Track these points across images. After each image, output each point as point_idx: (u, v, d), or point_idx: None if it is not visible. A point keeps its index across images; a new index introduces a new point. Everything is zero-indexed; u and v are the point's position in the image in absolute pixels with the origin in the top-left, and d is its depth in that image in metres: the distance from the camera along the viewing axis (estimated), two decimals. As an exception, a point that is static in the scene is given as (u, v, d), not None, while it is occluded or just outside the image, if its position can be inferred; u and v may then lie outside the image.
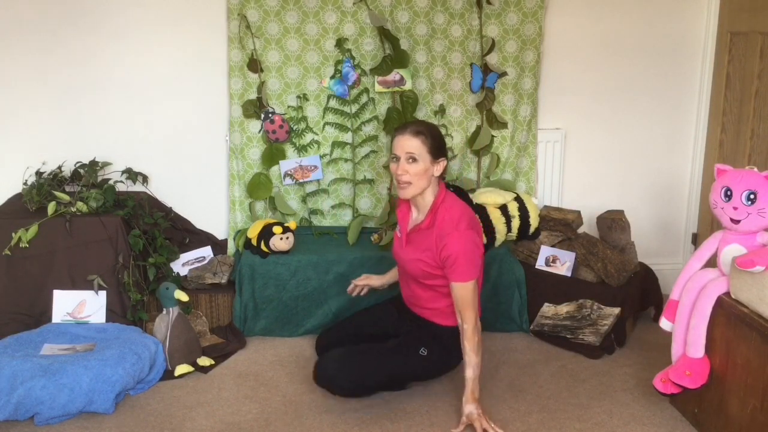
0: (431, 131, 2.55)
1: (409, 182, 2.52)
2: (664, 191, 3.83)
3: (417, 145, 2.51)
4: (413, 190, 2.54)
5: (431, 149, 2.52)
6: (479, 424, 2.47)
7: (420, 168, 2.51)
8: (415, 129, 2.54)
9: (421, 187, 2.54)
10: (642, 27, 3.62)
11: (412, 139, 2.51)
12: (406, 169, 2.51)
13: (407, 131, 2.53)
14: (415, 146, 2.50)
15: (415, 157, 2.50)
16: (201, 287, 3.29)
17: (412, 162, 2.51)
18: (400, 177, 2.52)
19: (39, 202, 3.12)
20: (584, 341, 3.12)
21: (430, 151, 2.52)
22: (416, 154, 2.50)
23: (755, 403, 2.24)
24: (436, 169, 2.55)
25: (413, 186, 2.53)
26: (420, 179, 2.52)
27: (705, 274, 2.47)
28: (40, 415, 2.51)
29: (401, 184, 2.54)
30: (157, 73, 3.40)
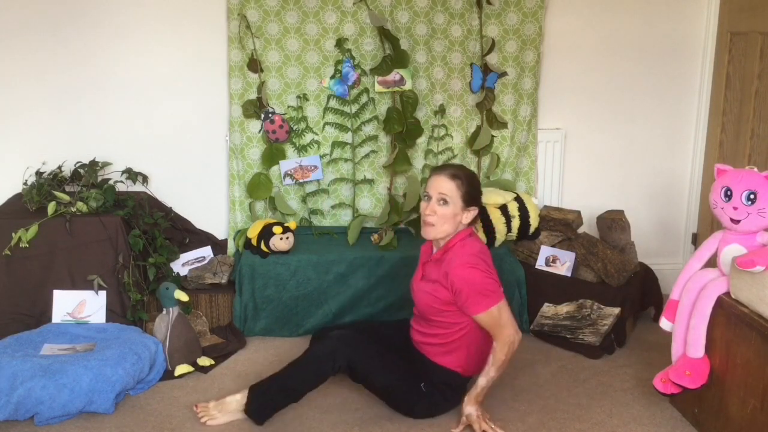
0: (469, 178, 2.52)
1: (433, 224, 2.50)
2: (664, 191, 3.83)
3: (452, 188, 2.48)
4: (435, 232, 2.51)
5: (465, 196, 2.49)
6: (478, 426, 2.47)
7: (449, 211, 2.48)
8: (452, 172, 2.51)
9: (445, 231, 2.51)
10: (642, 27, 3.62)
11: (448, 182, 2.48)
12: (434, 210, 2.49)
13: (445, 172, 2.51)
14: (449, 189, 2.48)
15: (447, 199, 2.48)
16: (201, 287, 3.29)
17: (443, 204, 2.48)
18: (427, 217, 2.50)
19: (39, 202, 3.12)
20: (584, 341, 3.12)
21: (463, 197, 2.49)
22: (449, 196, 2.48)
23: (755, 403, 2.24)
24: (465, 217, 2.51)
25: (436, 228, 2.50)
26: (445, 223, 2.49)
27: (705, 274, 2.47)
28: (40, 415, 2.51)
29: (426, 224, 2.52)
30: (157, 73, 3.40)
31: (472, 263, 2.45)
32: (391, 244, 3.34)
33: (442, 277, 2.49)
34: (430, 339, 2.60)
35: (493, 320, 2.44)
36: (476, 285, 2.43)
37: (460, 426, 2.50)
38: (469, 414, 2.48)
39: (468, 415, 2.48)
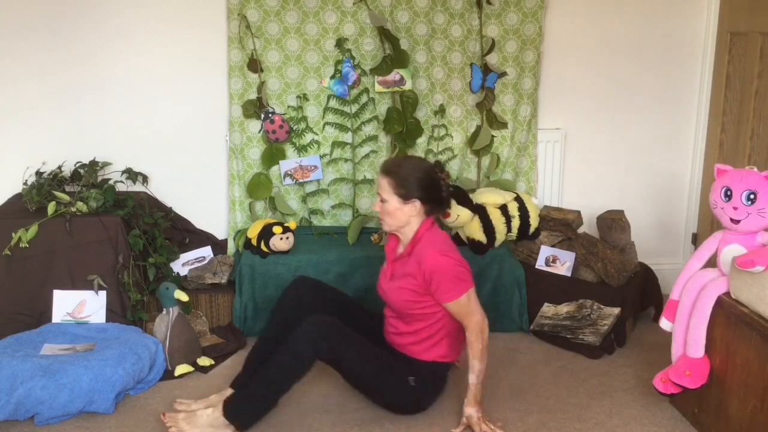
0: (401, 172, 2.48)
1: (382, 219, 2.55)
2: (664, 191, 3.83)
3: (385, 185, 2.50)
4: (387, 226, 2.55)
5: (397, 191, 2.47)
6: (478, 428, 2.46)
7: (390, 207, 2.50)
8: (387, 168, 2.52)
9: (397, 224, 2.53)
10: (642, 27, 3.62)
11: (383, 179, 2.50)
12: (379, 207, 2.54)
13: (382, 170, 2.53)
14: (384, 186, 2.50)
15: (384, 197, 2.50)
16: (201, 287, 3.29)
17: (383, 201, 2.52)
18: (380, 216, 2.56)
19: (39, 202, 3.12)
20: (584, 341, 3.12)
21: (396, 193, 2.47)
22: (385, 194, 2.50)
23: (755, 403, 2.24)
24: (408, 210, 2.49)
25: (386, 222, 2.54)
26: (391, 218, 2.51)
27: (705, 274, 2.47)
28: (40, 415, 2.51)
29: (382, 221, 2.56)
30: (157, 73, 3.40)
31: (444, 251, 2.48)
32: (391, 244, 3.34)
33: (415, 268, 2.48)
34: (411, 338, 2.58)
35: (462, 308, 2.46)
36: (449, 272, 2.45)
37: (460, 427, 2.50)
38: (469, 416, 2.48)
39: (468, 416, 2.48)
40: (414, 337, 2.58)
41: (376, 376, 2.53)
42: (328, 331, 2.45)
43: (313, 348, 2.42)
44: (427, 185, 2.51)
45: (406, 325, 2.59)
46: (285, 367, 2.43)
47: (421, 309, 2.53)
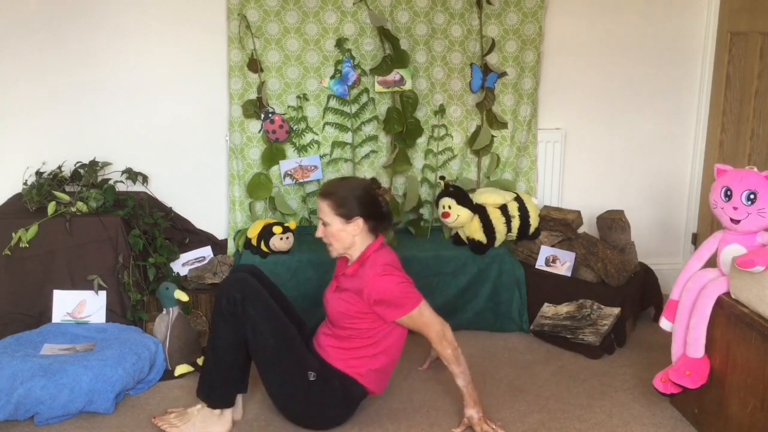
0: (340, 192, 2.48)
1: (329, 244, 2.52)
2: (664, 191, 3.83)
3: (324, 208, 2.47)
4: (334, 251, 2.52)
5: (338, 211, 2.45)
6: (479, 428, 2.46)
7: (333, 230, 2.47)
8: (324, 190, 2.51)
9: (343, 248, 2.50)
10: (642, 27, 3.62)
11: (321, 202, 2.48)
12: (322, 232, 2.51)
13: (320, 194, 2.51)
14: (323, 209, 2.48)
15: (325, 220, 2.48)
16: (201, 287, 3.29)
17: (324, 225, 2.49)
18: (323, 240, 2.52)
19: (39, 202, 3.12)
20: (584, 341, 3.12)
21: (337, 213, 2.45)
22: (325, 217, 2.47)
23: (755, 403, 2.24)
24: (352, 229, 2.46)
25: (333, 247, 2.51)
26: (336, 241, 2.49)
27: (705, 274, 2.47)
28: (40, 415, 2.51)
29: (328, 247, 2.54)
30: (157, 73, 3.40)
31: (385, 272, 2.44)
32: (391, 244, 3.33)
33: (358, 290, 2.45)
34: (336, 342, 2.52)
35: (416, 321, 2.43)
36: (393, 291, 2.42)
37: (461, 427, 2.49)
38: (470, 416, 2.47)
39: (469, 417, 2.47)
40: (339, 343, 2.52)
41: (277, 349, 2.43)
42: (240, 281, 2.44)
43: (227, 299, 2.39)
44: (366, 202, 2.49)
45: (337, 331, 2.53)
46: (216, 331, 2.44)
47: (354, 324, 2.48)
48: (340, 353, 2.51)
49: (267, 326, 2.42)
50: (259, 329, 2.41)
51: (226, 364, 2.46)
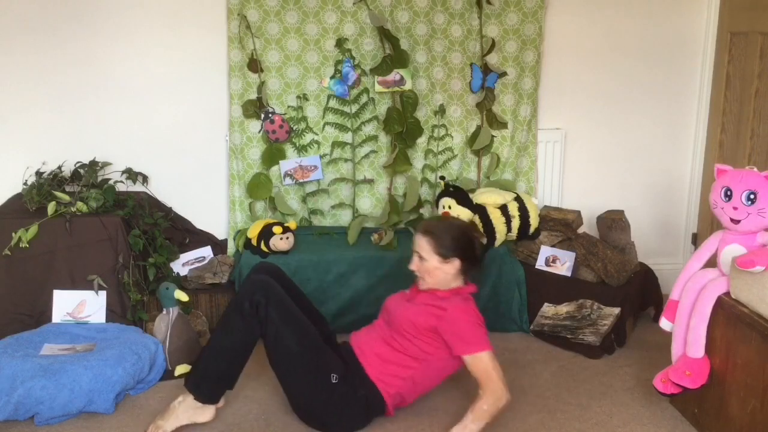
0: (442, 232, 2.55)
1: (422, 277, 2.58)
2: (664, 191, 3.83)
3: (423, 244, 2.54)
4: (425, 284, 2.57)
5: (438, 250, 2.52)
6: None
7: (428, 266, 2.53)
8: (425, 227, 2.58)
9: (435, 283, 2.55)
10: (642, 27, 3.62)
11: (421, 238, 2.55)
12: (416, 265, 2.57)
13: (420, 229, 2.59)
14: (422, 245, 2.54)
15: (422, 255, 2.54)
16: (201, 287, 3.29)
17: (420, 259, 2.55)
18: (415, 271, 2.58)
19: (39, 202, 3.12)
20: (584, 341, 3.12)
21: (436, 251, 2.52)
22: (423, 252, 2.54)
23: (755, 403, 2.24)
24: (448, 269, 2.54)
25: (425, 281, 2.57)
26: (430, 276, 2.55)
27: (705, 274, 2.47)
28: (40, 415, 2.51)
29: (418, 277, 2.59)
30: (157, 73, 3.40)
31: (467, 310, 2.49)
32: (391, 244, 3.34)
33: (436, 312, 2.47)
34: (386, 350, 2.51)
35: (481, 366, 2.40)
36: (467, 327, 2.45)
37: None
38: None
39: None
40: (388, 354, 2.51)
41: (299, 354, 2.44)
42: (264, 285, 2.45)
43: (249, 300, 2.40)
44: (464, 245, 2.57)
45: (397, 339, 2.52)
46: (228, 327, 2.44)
47: (417, 336, 2.48)
48: (380, 365, 2.51)
49: (289, 330, 2.44)
50: (281, 334, 2.42)
51: (228, 361, 2.46)
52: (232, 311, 2.46)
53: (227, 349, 2.46)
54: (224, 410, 2.64)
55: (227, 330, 2.46)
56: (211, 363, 2.47)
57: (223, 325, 2.48)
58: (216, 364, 2.47)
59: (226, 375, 2.48)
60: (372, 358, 2.52)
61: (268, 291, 2.44)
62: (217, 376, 2.47)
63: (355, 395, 2.47)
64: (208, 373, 2.47)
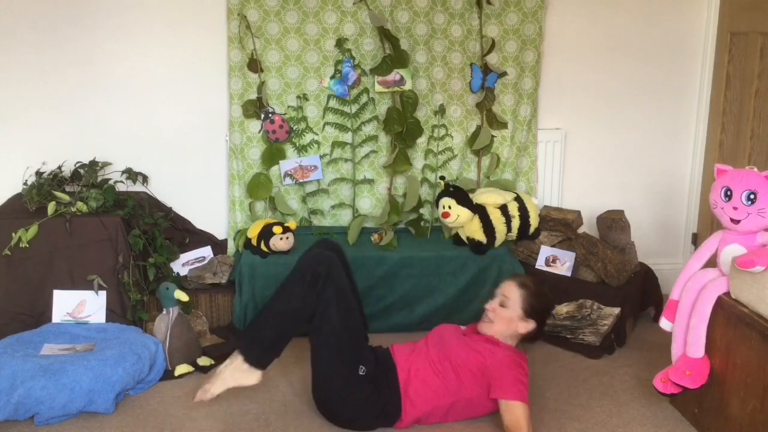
0: (537, 294, 2.61)
1: (491, 320, 2.60)
2: (664, 191, 3.83)
3: (516, 295, 2.58)
4: (489, 329, 2.59)
5: (526, 306, 2.58)
6: None
7: (506, 314, 2.57)
8: (523, 281, 2.64)
9: (499, 332, 2.59)
10: (642, 27, 3.62)
11: (516, 289, 2.60)
12: (494, 308, 2.60)
13: (516, 279, 2.65)
14: (513, 294, 2.59)
15: (507, 303, 2.58)
16: (201, 287, 3.29)
17: (503, 306, 2.59)
18: (488, 311, 2.61)
19: (39, 202, 3.12)
20: (584, 341, 3.12)
21: (524, 306, 2.57)
22: (510, 301, 2.58)
23: (755, 403, 2.24)
24: (522, 326, 2.58)
25: (492, 326, 2.59)
26: (501, 323, 2.58)
27: (705, 274, 2.47)
28: (40, 415, 2.51)
29: (487, 318, 2.62)
30: (157, 73, 3.40)
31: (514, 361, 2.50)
32: (391, 244, 3.34)
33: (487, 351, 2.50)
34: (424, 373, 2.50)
35: (514, 415, 2.39)
36: (509, 375, 2.45)
37: None
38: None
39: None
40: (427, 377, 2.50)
41: (339, 336, 2.46)
42: (329, 260, 2.47)
43: (312, 271, 2.43)
44: (545, 315, 2.67)
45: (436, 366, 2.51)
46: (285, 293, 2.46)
47: (459, 371, 2.48)
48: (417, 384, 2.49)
49: (337, 310, 2.45)
50: (330, 311, 2.44)
51: (281, 327, 2.46)
52: (292, 279, 2.48)
53: (282, 315, 2.46)
54: (224, 410, 2.64)
55: (285, 297, 2.47)
56: (265, 327, 2.46)
57: (281, 292, 2.49)
58: (270, 328, 2.46)
59: (278, 341, 2.47)
60: (411, 373, 2.51)
61: (331, 267, 2.47)
62: (270, 341, 2.46)
63: (375, 397, 2.47)
64: (260, 336, 2.46)
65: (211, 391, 2.44)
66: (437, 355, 2.54)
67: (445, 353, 2.53)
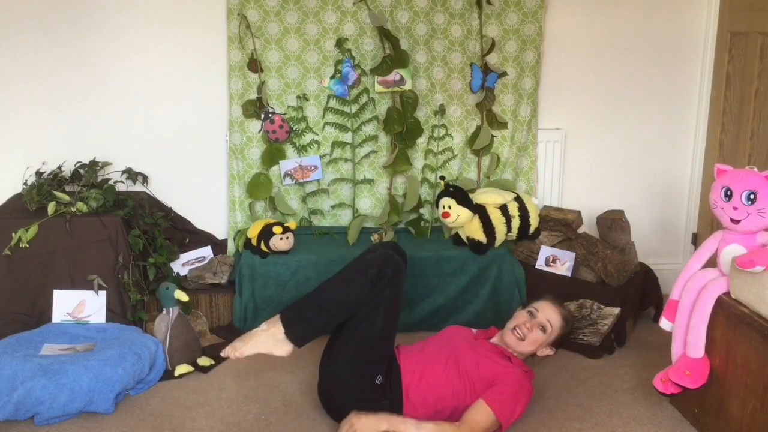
0: (570, 326, 2.67)
1: (523, 338, 2.58)
2: (664, 191, 3.83)
3: (557, 324, 2.61)
4: (522, 346, 2.59)
5: (558, 337, 2.62)
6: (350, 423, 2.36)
7: (541, 338, 2.59)
8: (566, 315, 2.65)
9: (525, 351, 2.59)
10: (642, 27, 3.62)
11: (559, 319, 2.62)
12: (532, 328, 2.58)
13: (561, 310, 2.65)
14: (556, 323, 2.60)
15: (547, 330, 2.59)
16: (201, 287, 3.29)
17: (542, 330, 2.59)
18: (525, 331, 2.58)
19: (39, 202, 3.12)
20: (584, 341, 3.12)
21: (557, 336, 2.61)
22: (551, 329, 2.60)
23: (755, 403, 2.24)
24: (542, 351, 2.62)
25: (523, 344, 2.58)
26: (532, 345, 2.59)
27: (705, 274, 2.47)
28: (40, 415, 2.51)
29: (519, 333, 2.58)
30: (157, 73, 3.40)
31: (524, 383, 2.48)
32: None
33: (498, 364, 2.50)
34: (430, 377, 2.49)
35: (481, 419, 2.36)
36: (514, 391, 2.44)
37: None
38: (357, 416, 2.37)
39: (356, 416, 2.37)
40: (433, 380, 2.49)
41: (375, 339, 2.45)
42: (396, 265, 2.45)
43: (379, 268, 2.41)
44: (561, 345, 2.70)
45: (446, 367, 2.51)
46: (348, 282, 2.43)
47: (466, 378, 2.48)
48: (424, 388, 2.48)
49: (384, 316, 2.45)
50: (377, 314, 2.43)
51: (332, 312, 2.43)
52: (355, 270, 2.46)
53: (337, 301, 2.43)
54: (224, 410, 2.64)
55: (344, 284, 2.44)
56: (316, 309, 2.42)
57: (340, 280, 2.46)
58: (321, 312, 2.42)
59: (324, 326, 2.45)
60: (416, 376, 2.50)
61: (398, 271, 2.45)
62: (317, 324, 2.43)
63: (379, 402, 2.46)
64: (309, 316, 2.42)
65: (242, 350, 2.39)
66: (446, 359, 2.52)
67: (455, 359, 2.52)
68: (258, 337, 2.41)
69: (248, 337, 2.43)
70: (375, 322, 2.44)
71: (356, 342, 2.46)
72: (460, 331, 2.71)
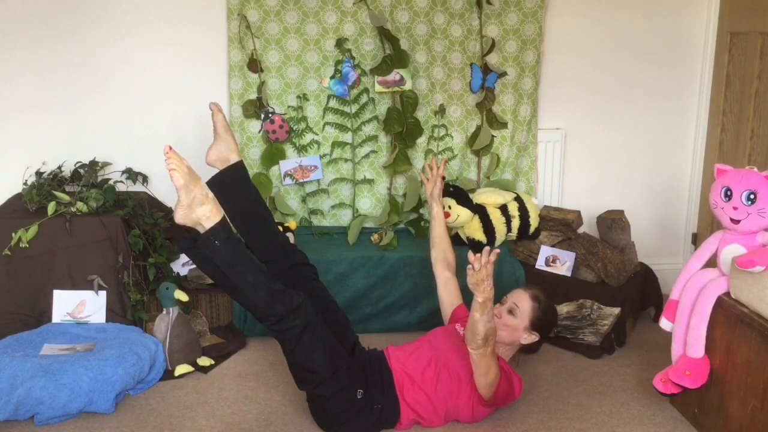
0: (547, 308, 2.60)
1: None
2: (664, 191, 3.83)
3: (526, 306, 2.56)
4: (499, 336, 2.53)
5: (534, 318, 2.55)
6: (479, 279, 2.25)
7: (512, 322, 2.55)
8: (534, 293, 2.60)
9: (505, 339, 2.55)
10: (642, 27, 3.62)
11: (527, 300, 2.57)
12: (501, 314, 2.56)
13: (529, 291, 2.61)
14: (524, 304, 2.56)
15: (516, 312, 2.55)
16: (201, 287, 3.29)
17: (510, 313, 2.56)
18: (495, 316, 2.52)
19: (39, 202, 3.12)
20: (584, 341, 3.12)
21: (531, 318, 2.55)
22: (519, 310, 2.55)
23: (755, 403, 2.24)
24: (525, 338, 2.56)
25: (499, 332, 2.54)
26: (506, 331, 2.54)
27: (705, 274, 2.47)
28: (40, 415, 2.51)
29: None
30: (157, 72, 3.40)
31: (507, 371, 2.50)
32: (391, 244, 3.34)
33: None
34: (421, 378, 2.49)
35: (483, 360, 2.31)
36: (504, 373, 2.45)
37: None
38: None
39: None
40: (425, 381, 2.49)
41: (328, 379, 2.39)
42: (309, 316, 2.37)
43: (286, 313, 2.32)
44: (548, 333, 2.65)
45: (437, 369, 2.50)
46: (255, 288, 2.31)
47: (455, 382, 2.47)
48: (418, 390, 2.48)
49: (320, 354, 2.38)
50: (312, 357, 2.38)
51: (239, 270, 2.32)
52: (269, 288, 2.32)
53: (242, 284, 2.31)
54: (224, 410, 2.64)
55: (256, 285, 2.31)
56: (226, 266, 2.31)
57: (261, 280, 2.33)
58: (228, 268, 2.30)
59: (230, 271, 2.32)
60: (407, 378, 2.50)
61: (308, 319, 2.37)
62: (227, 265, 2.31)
63: (371, 408, 2.45)
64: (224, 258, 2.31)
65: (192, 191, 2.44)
66: (436, 363, 2.52)
67: (444, 361, 2.52)
68: (198, 208, 2.42)
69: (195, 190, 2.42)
70: (312, 357, 2.37)
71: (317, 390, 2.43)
72: (448, 332, 2.68)
